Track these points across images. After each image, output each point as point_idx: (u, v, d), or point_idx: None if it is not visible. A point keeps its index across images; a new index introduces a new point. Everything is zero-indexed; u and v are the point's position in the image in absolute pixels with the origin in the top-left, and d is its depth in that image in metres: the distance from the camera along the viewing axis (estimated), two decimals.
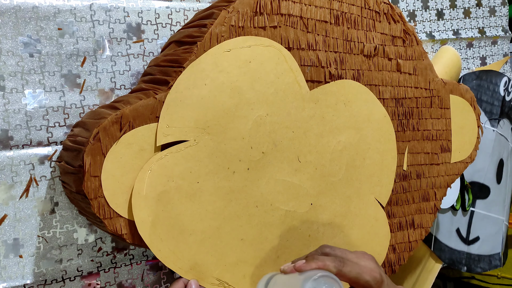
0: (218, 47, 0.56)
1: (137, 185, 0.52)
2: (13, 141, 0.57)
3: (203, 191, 0.56)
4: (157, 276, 0.66)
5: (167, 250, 0.54)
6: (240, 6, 0.57)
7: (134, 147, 0.52)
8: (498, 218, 1.01)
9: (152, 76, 0.58)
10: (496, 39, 1.02)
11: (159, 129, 0.53)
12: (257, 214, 0.60)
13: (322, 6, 0.63)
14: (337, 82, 0.65)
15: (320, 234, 0.65)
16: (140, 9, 0.64)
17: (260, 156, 0.59)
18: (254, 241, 0.60)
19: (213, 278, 0.57)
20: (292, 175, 0.62)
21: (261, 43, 0.58)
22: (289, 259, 0.62)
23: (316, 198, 0.64)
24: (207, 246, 0.56)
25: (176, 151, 0.54)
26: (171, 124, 0.53)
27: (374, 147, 0.69)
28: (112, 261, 0.63)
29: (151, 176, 0.53)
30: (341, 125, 0.66)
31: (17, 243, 0.58)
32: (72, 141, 0.55)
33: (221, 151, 0.57)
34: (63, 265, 0.60)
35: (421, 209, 0.76)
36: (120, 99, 0.57)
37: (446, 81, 0.78)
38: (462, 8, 0.97)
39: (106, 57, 0.62)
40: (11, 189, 0.57)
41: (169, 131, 0.53)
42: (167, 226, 0.54)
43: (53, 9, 0.58)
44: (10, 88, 0.57)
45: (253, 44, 0.58)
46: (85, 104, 0.61)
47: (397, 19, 0.71)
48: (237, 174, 0.58)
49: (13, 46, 0.57)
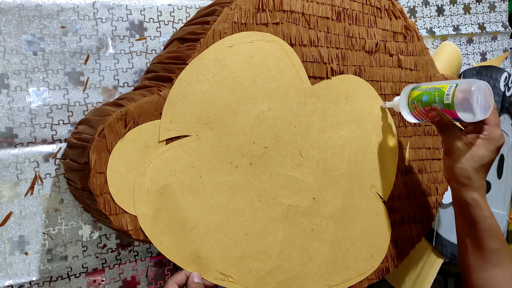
0: (220, 43, 0.56)
1: (139, 179, 0.52)
2: (17, 139, 0.58)
3: (206, 186, 0.56)
4: (161, 273, 0.66)
5: (168, 243, 0.54)
6: (243, 3, 0.57)
7: (139, 143, 0.52)
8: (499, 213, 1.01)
9: (156, 73, 0.58)
10: (496, 34, 1.02)
11: (162, 124, 0.53)
12: (261, 208, 0.60)
13: (323, 2, 0.64)
14: (338, 77, 0.66)
15: (322, 228, 0.65)
16: (142, 7, 0.64)
17: (263, 150, 0.60)
18: (258, 236, 0.60)
19: (217, 272, 0.57)
20: (294, 169, 0.62)
21: (263, 38, 0.59)
22: (292, 253, 0.63)
23: (318, 193, 0.65)
24: (210, 240, 0.57)
25: (178, 146, 0.54)
26: (173, 119, 0.54)
27: (375, 142, 0.70)
28: (116, 257, 0.64)
29: (153, 170, 0.53)
30: (343, 120, 0.66)
31: (22, 240, 0.58)
32: (77, 138, 0.55)
33: (224, 146, 0.57)
34: (68, 262, 0.60)
35: (423, 204, 0.77)
36: (124, 96, 0.57)
37: (447, 76, 0.79)
38: (462, 4, 0.98)
39: (109, 54, 0.62)
40: (16, 187, 0.58)
41: (172, 126, 0.54)
42: (168, 219, 0.54)
43: (56, 7, 0.59)
44: (14, 86, 0.57)
45: (255, 39, 0.58)
46: (88, 101, 0.61)
47: (398, 15, 0.72)
48: (240, 168, 0.58)
49: (17, 45, 0.57)
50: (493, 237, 0.60)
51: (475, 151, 0.59)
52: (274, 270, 0.61)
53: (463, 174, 0.60)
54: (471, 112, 0.57)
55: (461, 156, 0.59)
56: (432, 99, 0.60)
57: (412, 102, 0.63)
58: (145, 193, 0.53)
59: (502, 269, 0.59)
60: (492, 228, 0.60)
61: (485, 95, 0.57)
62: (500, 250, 0.60)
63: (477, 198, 0.59)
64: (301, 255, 0.64)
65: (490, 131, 0.59)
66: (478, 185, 0.60)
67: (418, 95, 0.62)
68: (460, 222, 0.63)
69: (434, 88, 0.60)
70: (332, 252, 0.66)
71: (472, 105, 0.56)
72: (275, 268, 0.62)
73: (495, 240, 0.60)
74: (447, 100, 0.58)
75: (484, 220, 0.59)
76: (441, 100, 0.59)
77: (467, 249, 0.62)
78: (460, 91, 0.57)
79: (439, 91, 0.59)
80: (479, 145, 0.59)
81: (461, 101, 0.57)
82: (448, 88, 0.58)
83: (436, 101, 0.59)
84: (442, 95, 0.59)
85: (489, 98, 0.58)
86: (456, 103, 0.57)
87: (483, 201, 0.60)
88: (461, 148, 0.59)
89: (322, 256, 0.66)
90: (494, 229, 0.60)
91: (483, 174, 0.60)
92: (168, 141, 0.54)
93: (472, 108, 0.56)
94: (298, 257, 0.63)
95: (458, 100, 0.57)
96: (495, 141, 0.59)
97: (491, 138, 0.59)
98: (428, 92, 0.61)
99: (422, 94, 0.62)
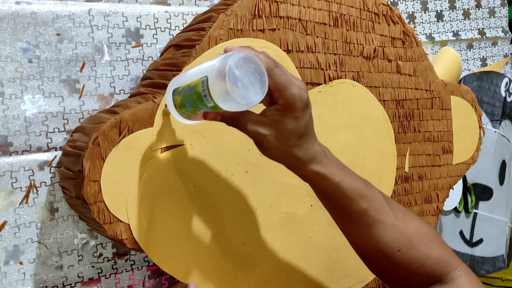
0: (214, 50, 0.55)
1: (132, 189, 0.52)
2: (12, 147, 0.57)
3: (201, 195, 0.56)
4: (158, 282, 0.66)
5: (163, 254, 0.53)
6: (239, 9, 0.57)
7: (133, 151, 0.52)
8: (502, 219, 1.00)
9: (151, 80, 0.58)
10: (496, 40, 1.02)
11: (155, 134, 0.53)
12: (258, 217, 0.59)
13: (320, 8, 0.63)
14: (334, 82, 0.65)
15: (321, 235, 0.64)
16: (139, 14, 0.64)
17: (258, 158, 0.59)
18: (255, 244, 0.59)
19: (214, 283, 0.57)
20: (291, 177, 0.61)
21: (256, 45, 0.58)
22: (291, 261, 0.62)
23: (315, 200, 0.64)
24: (206, 250, 0.56)
25: (172, 155, 0.54)
26: (166, 128, 0.53)
27: (373, 147, 0.69)
28: (113, 267, 0.63)
29: (147, 180, 0.52)
30: (340, 125, 0.66)
31: (17, 250, 0.57)
32: (71, 146, 0.55)
33: (218, 154, 0.56)
34: (64, 272, 0.60)
35: (424, 211, 0.76)
36: (119, 104, 0.57)
37: (447, 82, 0.78)
38: (462, 9, 0.97)
39: (105, 62, 0.62)
40: (11, 196, 0.57)
41: (165, 136, 0.53)
42: (163, 230, 0.53)
43: (52, 14, 0.58)
44: (9, 94, 0.57)
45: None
46: (84, 109, 0.61)
47: (396, 20, 0.71)
48: (235, 177, 0.58)
49: (11, 52, 0.57)
50: (356, 199, 0.52)
51: (282, 127, 0.48)
52: (273, 278, 0.61)
53: (287, 156, 0.50)
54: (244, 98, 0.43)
55: (271, 142, 0.48)
56: (196, 105, 0.46)
57: (181, 112, 0.49)
58: (138, 203, 0.52)
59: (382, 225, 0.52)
60: (349, 190, 0.51)
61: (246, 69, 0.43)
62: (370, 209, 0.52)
63: (316, 170, 0.50)
64: (299, 263, 0.63)
65: (284, 96, 0.46)
66: (310, 157, 0.50)
67: (181, 103, 0.48)
68: (320, 199, 0.55)
69: (190, 89, 0.46)
70: (331, 259, 0.66)
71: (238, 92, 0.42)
72: (274, 276, 0.61)
73: (360, 201, 0.52)
74: (209, 103, 0.44)
75: (336, 187, 0.51)
76: (205, 105, 0.45)
77: (339, 222, 0.55)
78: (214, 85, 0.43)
79: (196, 93, 0.45)
80: (281, 118, 0.47)
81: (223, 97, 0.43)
82: (200, 85, 0.44)
83: (200, 106, 0.45)
84: (201, 97, 0.44)
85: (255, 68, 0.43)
86: (218, 102, 0.43)
87: (325, 169, 0.50)
88: (267, 132, 0.48)
89: (321, 264, 0.65)
90: (352, 191, 0.51)
91: (308, 144, 0.50)
92: (162, 150, 0.54)
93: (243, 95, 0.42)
94: (296, 265, 0.62)
95: (218, 96, 0.43)
96: (295, 104, 0.46)
97: (289, 104, 0.46)
98: (187, 96, 0.47)
99: (184, 101, 0.47)
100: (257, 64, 0.43)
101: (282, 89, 0.46)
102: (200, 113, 0.47)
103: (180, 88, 0.48)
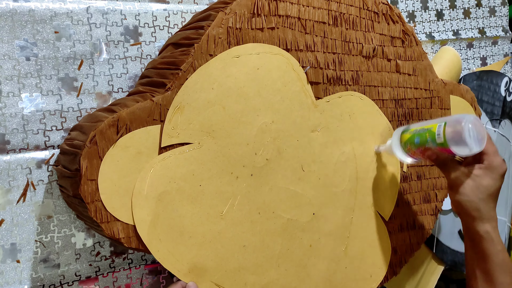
0: (227, 53, 0.55)
1: (138, 185, 0.52)
2: (10, 145, 0.57)
3: (205, 195, 0.55)
4: (156, 281, 0.65)
5: (165, 251, 0.53)
6: (238, 7, 0.57)
7: (131, 150, 0.51)
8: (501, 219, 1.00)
9: (150, 79, 0.58)
10: (497, 39, 1.01)
11: (164, 131, 0.53)
12: (260, 221, 0.59)
13: (320, 7, 0.63)
14: (343, 94, 0.65)
15: (321, 244, 0.64)
16: (137, 12, 0.63)
17: (264, 162, 0.59)
18: (256, 249, 0.59)
19: (212, 283, 0.56)
20: (295, 183, 0.61)
21: (270, 50, 0.58)
22: (289, 268, 0.62)
23: (318, 208, 0.63)
24: (207, 250, 0.56)
25: (180, 153, 0.54)
26: (176, 126, 0.53)
27: (378, 160, 0.69)
28: (110, 265, 0.63)
29: (153, 176, 0.52)
30: (345, 137, 0.66)
31: (14, 248, 0.57)
32: (69, 144, 0.55)
33: (225, 155, 0.56)
34: (61, 270, 0.60)
35: (422, 210, 0.75)
36: (117, 102, 0.56)
37: (446, 81, 0.78)
38: (462, 8, 0.97)
39: (103, 60, 0.62)
40: (8, 194, 0.57)
41: (174, 133, 0.53)
42: (166, 226, 0.53)
43: (50, 12, 0.58)
44: (6, 92, 0.56)
45: (261, 51, 0.58)
46: (82, 107, 0.60)
47: (396, 19, 0.71)
48: (240, 179, 0.57)
49: (9, 50, 0.56)
50: (506, 271, 0.58)
51: (479, 181, 0.58)
52: (270, 284, 0.60)
53: (472, 206, 0.58)
54: (466, 146, 0.57)
55: (466, 189, 0.58)
56: (424, 140, 0.60)
57: (405, 145, 0.63)
58: (144, 198, 0.52)
59: None
60: (504, 262, 0.58)
61: (476, 127, 0.57)
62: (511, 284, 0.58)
63: (489, 231, 0.58)
64: (298, 271, 0.62)
65: (490, 159, 0.58)
66: (489, 216, 0.58)
67: (409, 138, 0.62)
68: (471, 254, 0.61)
69: (423, 130, 0.61)
70: (330, 269, 0.65)
71: (466, 139, 0.56)
72: (271, 282, 0.60)
73: (507, 274, 0.58)
74: (439, 140, 0.58)
75: (497, 254, 0.58)
76: (433, 140, 0.59)
77: (477, 281, 0.60)
78: (450, 128, 0.57)
79: (429, 132, 0.59)
80: (482, 175, 0.58)
81: (454, 137, 0.57)
82: (437, 127, 0.59)
83: (428, 141, 0.59)
84: (433, 135, 0.59)
85: (480, 129, 0.57)
86: (449, 140, 0.57)
87: (495, 233, 0.59)
88: (465, 181, 0.58)
89: (320, 273, 0.64)
90: (506, 263, 0.58)
91: (492, 204, 0.59)
92: (169, 147, 0.53)
93: (466, 142, 0.56)
94: (295, 272, 0.62)
95: (450, 137, 0.57)
96: (497, 169, 0.58)
97: (492, 166, 0.58)
98: (418, 134, 0.61)
99: (413, 136, 0.62)
100: (481, 127, 0.57)
101: (492, 154, 0.58)
102: (420, 150, 0.61)
103: (412, 129, 0.63)
